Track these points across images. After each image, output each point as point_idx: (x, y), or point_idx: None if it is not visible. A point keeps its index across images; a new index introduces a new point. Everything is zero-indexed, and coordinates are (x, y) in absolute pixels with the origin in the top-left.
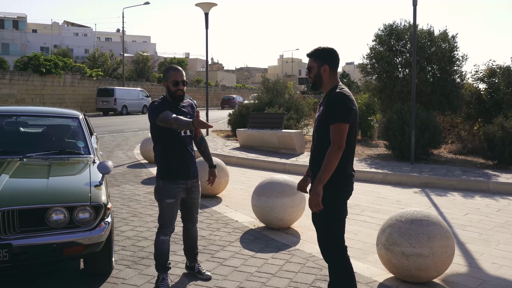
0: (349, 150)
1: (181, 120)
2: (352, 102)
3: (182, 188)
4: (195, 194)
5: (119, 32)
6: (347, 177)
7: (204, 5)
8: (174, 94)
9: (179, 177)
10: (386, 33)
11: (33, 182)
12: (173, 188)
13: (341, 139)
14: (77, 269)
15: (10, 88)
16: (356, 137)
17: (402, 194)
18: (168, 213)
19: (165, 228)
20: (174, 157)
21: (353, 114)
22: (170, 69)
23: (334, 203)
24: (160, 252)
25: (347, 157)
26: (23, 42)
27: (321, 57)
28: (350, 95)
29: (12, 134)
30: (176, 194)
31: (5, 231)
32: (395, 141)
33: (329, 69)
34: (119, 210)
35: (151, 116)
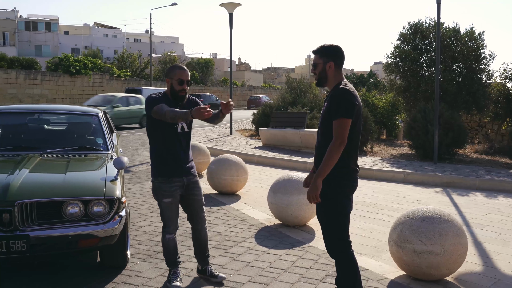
0: (352, 145)
1: (177, 111)
2: (355, 98)
3: (178, 185)
4: (194, 191)
5: (147, 33)
6: (349, 173)
7: (228, 5)
8: (177, 93)
9: (174, 174)
10: (411, 32)
11: (51, 176)
12: (169, 187)
13: (343, 134)
14: (94, 262)
15: (42, 88)
16: (359, 133)
17: (422, 194)
18: (168, 212)
19: (168, 227)
20: (168, 153)
21: (356, 109)
22: (176, 67)
23: (336, 198)
24: (167, 249)
25: (350, 153)
26: (55, 44)
27: (327, 54)
28: (353, 91)
29: (34, 130)
30: (173, 192)
31: (23, 223)
32: (418, 140)
33: (334, 66)
34: (139, 206)
35: (148, 109)
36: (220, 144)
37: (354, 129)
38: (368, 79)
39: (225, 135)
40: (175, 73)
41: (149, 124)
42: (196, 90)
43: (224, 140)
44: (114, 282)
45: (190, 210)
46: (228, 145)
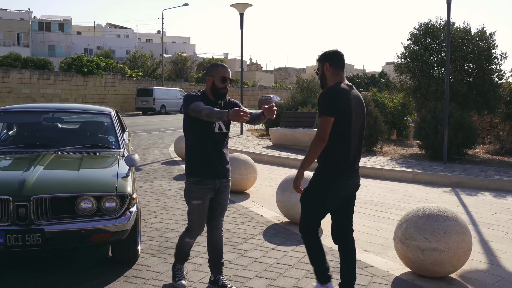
0: (339, 143)
1: (213, 109)
2: (339, 96)
3: (209, 188)
4: (223, 195)
5: (159, 34)
6: (335, 170)
7: (239, 5)
8: (219, 91)
9: (207, 176)
10: (422, 32)
11: (64, 173)
12: (199, 189)
13: (323, 131)
14: (106, 256)
15: (55, 88)
16: (352, 131)
17: (431, 193)
18: (195, 216)
19: (191, 231)
20: (203, 153)
21: (341, 108)
22: (218, 65)
23: (315, 189)
24: (181, 250)
25: (335, 150)
26: (68, 44)
27: (324, 58)
28: (340, 91)
29: (49, 129)
30: (203, 195)
31: (38, 217)
32: (428, 140)
33: (330, 67)
34: (150, 204)
35: (185, 106)
36: (231, 143)
37: (340, 127)
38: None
39: (236, 134)
40: (217, 71)
41: (186, 122)
42: None
43: (234, 140)
44: (125, 276)
45: (211, 213)
46: (239, 144)
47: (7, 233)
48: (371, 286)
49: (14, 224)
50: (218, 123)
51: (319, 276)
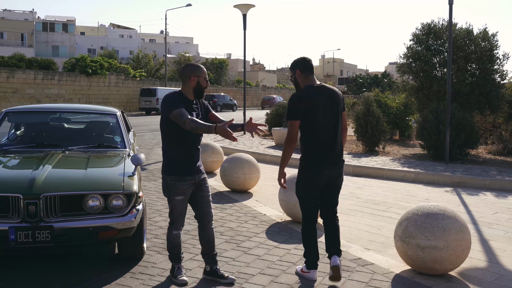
0: (309, 140)
1: (199, 123)
2: (301, 101)
3: (190, 184)
4: (203, 187)
5: (162, 34)
6: (309, 162)
7: (242, 6)
8: (202, 90)
9: (188, 173)
10: (424, 32)
11: (72, 172)
12: (181, 185)
13: (291, 133)
14: (112, 253)
15: (59, 89)
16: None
17: (432, 193)
18: (178, 209)
19: (177, 223)
20: (182, 152)
21: (304, 110)
22: (201, 66)
23: (298, 182)
24: (173, 245)
25: (308, 146)
26: (72, 45)
27: (294, 66)
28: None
29: (56, 129)
30: (185, 190)
31: (47, 215)
32: (430, 141)
33: (300, 73)
34: (154, 203)
35: (166, 109)
36: (234, 143)
37: (308, 126)
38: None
39: (239, 135)
40: (202, 71)
41: (165, 123)
42: (210, 90)
43: (237, 140)
44: (132, 272)
45: (199, 208)
46: (242, 144)
47: (18, 230)
48: (371, 283)
49: (25, 221)
50: None
51: (307, 262)
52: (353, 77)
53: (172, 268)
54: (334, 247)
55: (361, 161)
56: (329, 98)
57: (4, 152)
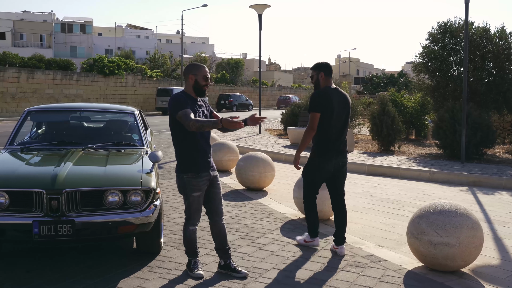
0: (324, 132)
1: (203, 121)
2: (323, 97)
3: (206, 180)
4: (216, 184)
5: (179, 34)
6: (321, 150)
7: (257, 6)
8: (201, 88)
9: (203, 169)
10: (440, 31)
11: (93, 168)
12: (198, 182)
13: (312, 123)
14: (131, 248)
15: (77, 89)
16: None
17: (447, 192)
18: (195, 205)
19: (193, 219)
20: (197, 150)
21: (324, 105)
22: (200, 65)
23: (309, 165)
24: (190, 240)
25: (321, 136)
26: (89, 45)
27: (319, 68)
28: (323, 93)
29: (77, 127)
30: (202, 187)
31: (69, 210)
32: (446, 140)
33: (324, 75)
34: (171, 200)
35: (172, 110)
36: (249, 143)
37: (325, 120)
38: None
39: (254, 134)
40: (201, 70)
41: (173, 124)
42: (226, 90)
43: (253, 139)
44: (149, 266)
45: (211, 204)
46: (257, 143)
47: (41, 224)
48: (384, 278)
49: (47, 216)
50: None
51: (310, 232)
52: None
53: (189, 262)
54: (341, 235)
55: (376, 160)
56: (343, 100)
57: (27, 149)
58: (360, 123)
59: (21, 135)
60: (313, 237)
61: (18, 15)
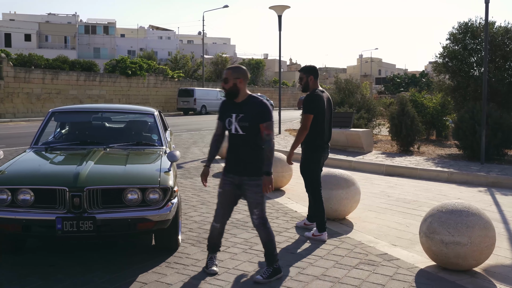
0: (316, 130)
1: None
2: (316, 100)
3: (230, 181)
4: (248, 193)
5: (200, 35)
6: (315, 146)
7: (277, 7)
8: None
9: (229, 171)
10: (461, 31)
11: (113, 167)
12: (223, 179)
13: (306, 124)
14: (150, 245)
15: (100, 89)
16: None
17: (465, 193)
18: (217, 201)
19: (215, 216)
20: (229, 151)
21: (316, 107)
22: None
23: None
24: (210, 235)
25: (314, 135)
26: (112, 46)
27: (309, 71)
28: (317, 95)
29: (98, 128)
30: (224, 186)
31: (90, 206)
32: (466, 141)
33: (313, 79)
34: (189, 199)
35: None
36: None
37: (317, 120)
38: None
39: (274, 134)
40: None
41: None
42: None
43: None
44: (167, 262)
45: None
46: (276, 144)
47: (64, 220)
48: (395, 276)
49: (70, 212)
50: (234, 125)
51: (321, 226)
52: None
53: (207, 257)
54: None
55: (395, 160)
56: (328, 100)
57: (51, 149)
58: (380, 124)
59: (45, 135)
60: (321, 231)
61: (43, 17)
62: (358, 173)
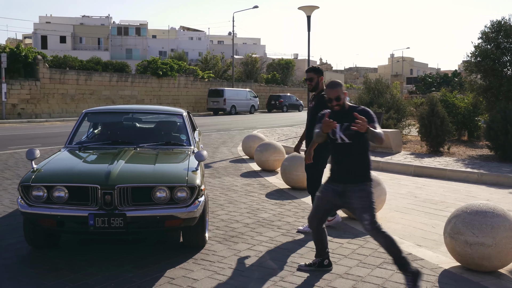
0: None
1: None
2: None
3: (333, 189)
4: (352, 200)
5: (230, 35)
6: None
7: (306, 8)
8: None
9: (333, 179)
10: (493, 30)
11: (143, 166)
12: (325, 186)
13: None
14: (177, 242)
15: (132, 90)
16: None
17: (495, 194)
18: (314, 204)
19: (308, 220)
20: (333, 161)
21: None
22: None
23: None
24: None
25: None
26: (144, 47)
27: (321, 72)
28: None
29: (129, 128)
30: (324, 191)
31: (121, 204)
32: (497, 141)
33: (322, 79)
34: (217, 198)
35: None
36: (295, 141)
37: None
38: (453, 78)
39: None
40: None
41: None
42: (276, 91)
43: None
44: (194, 258)
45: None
46: (303, 144)
47: (96, 216)
48: None
49: (101, 209)
50: (338, 135)
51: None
52: (422, 76)
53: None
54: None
55: (423, 161)
56: None
57: (84, 148)
58: (410, 124)
59: (79, 135)
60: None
61: (77, 20)
62: (385, 174)
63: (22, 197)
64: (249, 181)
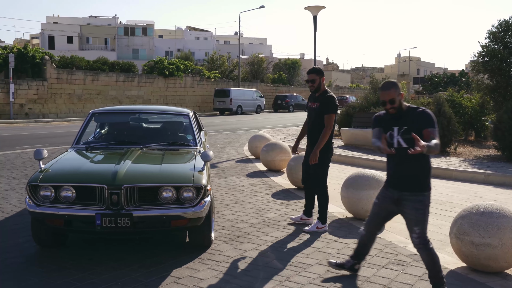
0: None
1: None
2: (336, 100)
3: (389, 196)
4: (407, 209)
5: (236, 35)
6: (329, 144)
7: (312, 8)
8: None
9: (389, 184)
10: (501, 30)
11: (149, 166)
12: (382, 191)
13: (330, 123)
14: (183, 241)
15: (138, 90)
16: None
17: (501, 195)
18: (371, 211)
19: (365, 223)
20: (390, 166)
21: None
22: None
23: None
24: (358, 240)
25: (331, 135)
26: (151, 47)
27: (322, 73)
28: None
29: (135, 128)
30: (381, 198)
31: (127, 204)
32: (504, 141)
33: (324, 80)
34: (223, 198)
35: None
36: (303, 143)
37: (335, 120)
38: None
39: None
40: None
41: None
42: (283, 91)
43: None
44: (200, 258)
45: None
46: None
47: (103, 216)
48: (424, 276)
49: (108, 209)
50: (396, 138)
51: (325, 219)
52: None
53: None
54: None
55: None
56: None
57: (92, 148)
58: None
59: (86, 135)
60: (324, 223)
61: (84, 20)
62: None
63: (30, 197)
64: (255, 181)
